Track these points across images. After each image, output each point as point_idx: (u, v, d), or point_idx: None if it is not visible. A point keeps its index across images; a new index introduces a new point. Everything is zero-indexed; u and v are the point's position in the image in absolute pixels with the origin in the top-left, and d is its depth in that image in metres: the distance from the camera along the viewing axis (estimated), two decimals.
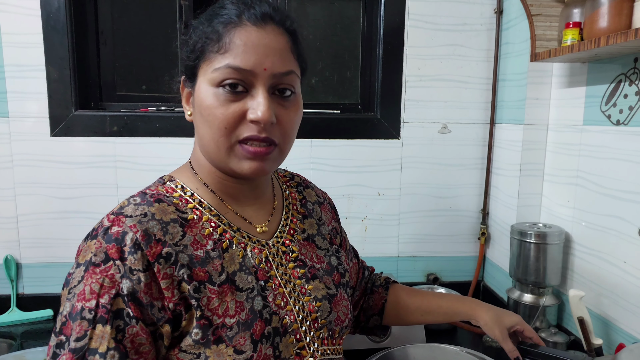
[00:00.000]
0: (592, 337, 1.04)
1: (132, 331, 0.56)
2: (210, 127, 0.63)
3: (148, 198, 0.64)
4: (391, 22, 1.50)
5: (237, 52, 0.61)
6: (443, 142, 1.57)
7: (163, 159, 1.46)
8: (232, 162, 0.64)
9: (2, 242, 1.44)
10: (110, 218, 0.60)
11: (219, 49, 0.62)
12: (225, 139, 0.63)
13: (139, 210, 0.61)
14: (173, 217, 0.63)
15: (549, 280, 1.24)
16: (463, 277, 1.64)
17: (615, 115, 1.09)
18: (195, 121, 0.68)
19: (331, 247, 0.82)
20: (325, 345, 0.72)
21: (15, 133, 1.40)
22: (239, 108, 0.62)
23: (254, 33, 0.62)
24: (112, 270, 0.56)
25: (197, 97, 0.65)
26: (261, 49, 0.62)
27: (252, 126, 0.62)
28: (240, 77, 0.61)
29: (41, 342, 1.30)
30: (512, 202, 1.42)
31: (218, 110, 0.62)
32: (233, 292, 0.63)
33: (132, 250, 0.57)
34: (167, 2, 1.54)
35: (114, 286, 0.56)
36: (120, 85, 1.56)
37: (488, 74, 1.54)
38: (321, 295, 0.73)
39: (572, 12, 1.10)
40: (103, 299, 0.56)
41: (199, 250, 0.63)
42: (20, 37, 1.37)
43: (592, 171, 1.17)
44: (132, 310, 0.56)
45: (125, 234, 0.58)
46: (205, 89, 0.63)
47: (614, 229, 1.10)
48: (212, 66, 0.62)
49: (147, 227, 0.59)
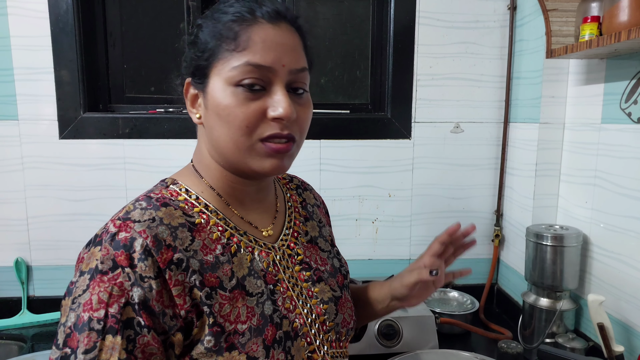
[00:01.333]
0: (613, 343, 1.00)
1: (143, 341, 0.54)
2: (230, 127, 0.61)
3: (154, 202, 0.62)
4: (401, 20, 1.47)
5: (256, 49, 0.60)
6: (455, 142, 1.54)
7: (172, 161, 1.45)
8: (253, 161, 0.63)
9: (13, 244, 1.45)
10: (117, 224, 0.58)
11: (236, 46, 0.60)
12: (247, 138, 0.61)
13: (147, 214, 0.59)
14: (181, 222, 0.61)
15: (566, 284, 1.21)
16: (476, 280, 1.60)
17: (636, 112, 1.05)
18: (207, 122, 0.65)
19: (332, 249, 0.81)
20: (334, 348, 0.71)
21: (25, 135, 1.41)
22: (259, 106, 0.61)
23: (270, 30, 0.61)
24: (120, 278, 0.54)
25: (211, 97, 0.63)
26: (279, 46, 0.61)
27: (274, 124, 0.61)
28: (258, 75, 0.61)
29: (51, 345, 1.30)
30: (527, 203, 1.38)
31: (238, 109, 0.60)
32: (244, 297, 0.62)
33: (142, 256, 0.55)
34: (175, 3, 1.54)
35: (124, 294, 0.54)
36: (129, 87, 1.56)
37: (502, 71, 1.50)
38: (327, 297, 0.72)
39: (589, 6, 1.06)
40: (112, 309, 0.53)
41: (208, 255, 0.61)
42: (29, 40, 1.37)
43: (610, 171, 1.13)
44: (143, 320, 0.54)
45: (134, 239, 0.56)
46: (222, 88, 0.61)
47: (634, 230, 1.06)
48: (229, 64, 0.61)
49: (157, 233, 0.57)
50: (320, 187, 1.51)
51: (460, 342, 1.32)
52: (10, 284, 1.45)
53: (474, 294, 1.49)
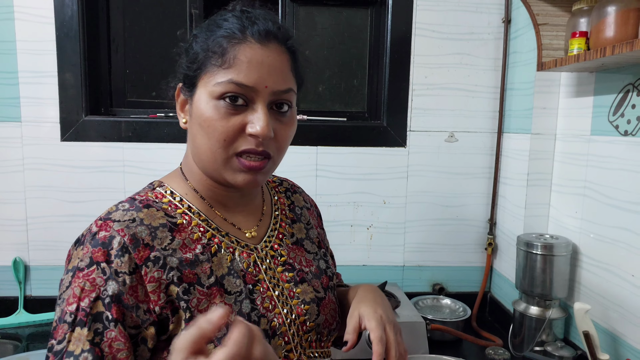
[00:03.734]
0: (599, 352, 1.01)
1: (110, 335, 0.56)
2: (209, 139, 0.64)
3: (137, 204, 0.65)
4: (398, 31, 1.51)
5: (241, 68, 0.62)
6: (450, 151, 1.56)
7: (170, 164, 1.44)
8: (227, 174, 0.66)
9: (12, 244, 1.47)
10: (98, 223, 0.61)
11: (222, 63, 0.63)
12: (223, 151, 0.64)
13: (127, 215, 0.62)
14: (162, 222, 0.64)
15: (555, 293, 1.22)
16: (469, 287, 1.62)
17: (623, 125, 1.07)
18: (191, 130, 0.68)
19: (319, 250, 0.83)
20: (312, 348, 0.73)
21: (26, 137, 1.44)
22: (239, 121, 0.63)
23: (257, 50, 0.63)
24: (94, 275, 0.57)
25: (195, 108, 0.66)
26: (264, 67, 0.63)
27: (250, 139, 0.64)
28: (241, 92, 0.63)
29: (46, 344, 1.31)
30: (519, 212, 1.40)
31: (218, 123, 0.63)
32: (222, 294, 0.64)
33: (119, 253, 0.59)
34: (177, 10, 1.57)
35: (95, 289, 0.57)
36: (131, 91, 1.59)
37: (496, 82, 1.53)
38: (309, 298, 0.74)
39: (578, 22, 1.09)
40: (83, 302, 0.57)
41: (188, 253, 0.64)
42: (34, 44, 1.41)
43: (599, 182, 1.16)
44: (112, 313, 0.57)
45: (113, 237, 0.59)
46: (206, 100, 0.64)
47: (622, 241, 1.08)
48: (214, 79, 0.63)
49: (135, 232, 0.61)
50: (316, 193, 1.54)
51: (451, 349, 1.33)
52: (7, 283, 1.47)
53: (467, 302, 1.50)
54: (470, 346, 1.36)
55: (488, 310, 1.60)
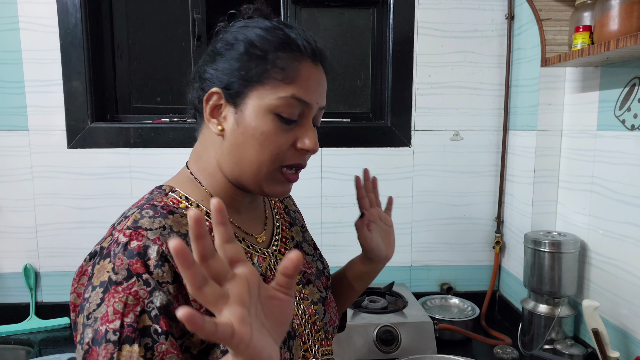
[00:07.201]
0: (609, 349, 1.00)
1: (161, 349, 0.54)
2: (261, 152, 0.64)
3: (160, 210, 0.62)
4: (401, 30, 1.50)
5: (303, 84, 0.64)
6: (455, 150, 1.55)
7: (176, 170, 1.47)
8: (266, 184, 0.67)
9: (22, 251, 1.49)
10: (127, 233, 0.58)
11: (284, 77, 0.63)
12: (272, 164, 0.65)
13: (157, 223, 0.60)
14: (188, 229, 0.62)
15: (564, 290, 1.21)
16: (478, 286, 1.61)
17: (630, 120, 1.06)
18: (235, 139, 0.65)
19: (315, 252, 0.85)
20: (323, 347, 0.75)
21: (34, 145, 1.45)
22: (291, 137, 0.65)
23: (313, 69, 0.66)
24: (135, 287, 0.54)
25: (248, 118, 0.63)
26: (318, 85, 0.67)
27: (298, 155, 0.67)
28: (298, 109, 0.65)
29: (58, 350, 1.33)
30: (526, 209, 1.39)
31: (274, 137, 0.64)
32: None
33: (158, 263, 0.56)
34: (180, 16, 1.58)
35: (139, 303, 0.54)
36: (136, 97, 1.61)
37: (500, 80, 1.52)
38: (316, 298, 0.76)
39: (582, 16, 1.07)
40: (128, 318, 0.53)
41: None
42: (39, 53, 1.42)
43: (607, 177, 1.14)
44: (160, 326, 0.54)
45: (148, 247, 0.57)
46: (263, 112, 0.63)
47: (631, 237, 1.06)
48: (275, 93, 0.63)
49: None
50: (322, 195, 1.53)
51: (460, 349, 1.33)
52: (19, 290, 1.49)
53: (476, 301, 1.49)
54: (480, 345, 1.35)
55: (497, 309, 1.59)
